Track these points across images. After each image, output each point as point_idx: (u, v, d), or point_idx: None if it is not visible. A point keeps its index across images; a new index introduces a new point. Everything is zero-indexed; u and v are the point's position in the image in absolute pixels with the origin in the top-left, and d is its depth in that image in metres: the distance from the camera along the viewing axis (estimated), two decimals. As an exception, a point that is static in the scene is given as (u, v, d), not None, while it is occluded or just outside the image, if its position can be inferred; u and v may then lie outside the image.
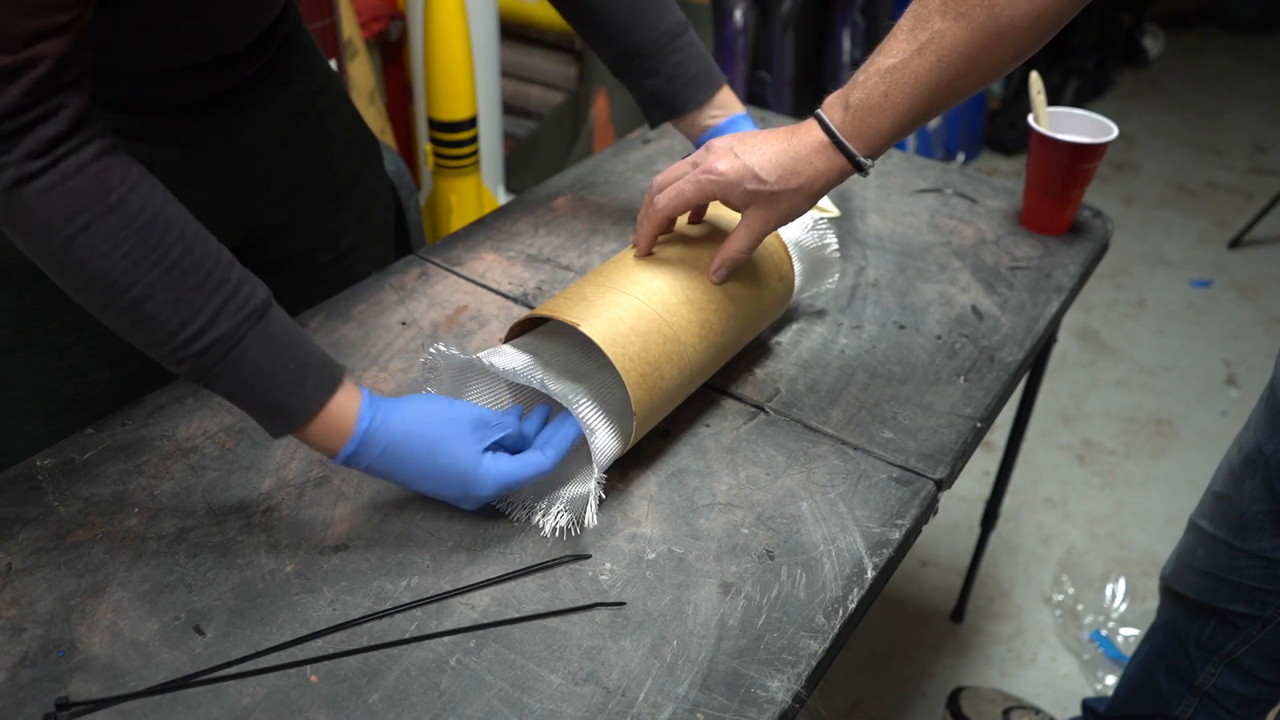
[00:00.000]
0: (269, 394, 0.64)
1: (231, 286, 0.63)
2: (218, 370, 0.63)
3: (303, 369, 0.65)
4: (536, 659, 0.63)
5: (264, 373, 0.64)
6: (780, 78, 2.26)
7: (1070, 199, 1.06)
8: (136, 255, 0.60)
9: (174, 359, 0.63)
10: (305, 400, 0.65)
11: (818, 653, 0.64)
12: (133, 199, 0.60)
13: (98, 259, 0.59)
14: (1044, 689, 1.50)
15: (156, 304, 0.61)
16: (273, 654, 0.63)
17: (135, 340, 0.64)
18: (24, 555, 0.69)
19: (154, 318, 0.61)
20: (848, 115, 0.72)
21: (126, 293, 0.60)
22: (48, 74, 0.56)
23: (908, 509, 0.74)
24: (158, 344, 0.63)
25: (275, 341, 0.64)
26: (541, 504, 0.73)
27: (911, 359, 0.89)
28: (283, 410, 0.65)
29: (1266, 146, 3.09)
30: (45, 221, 0.58)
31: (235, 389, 0.64)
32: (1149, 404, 2.08)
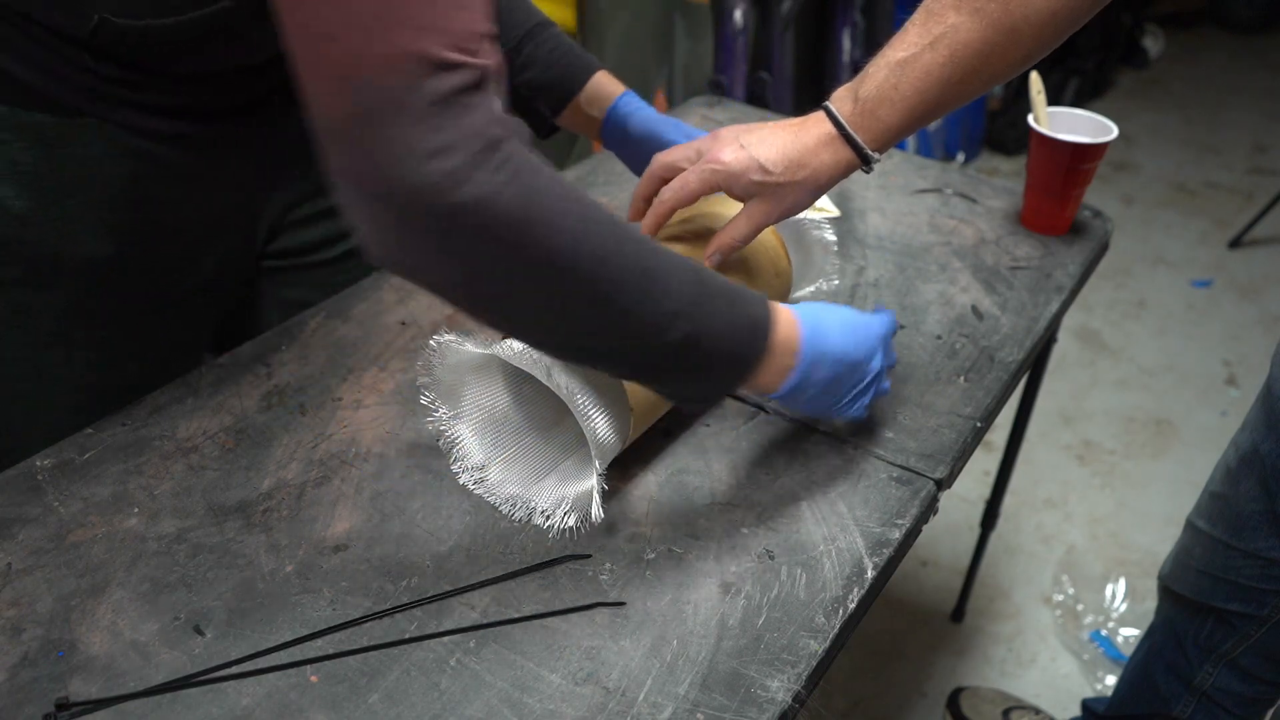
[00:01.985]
0: (735, 351, 0.63)
1: (670, 252, 0.61)
2: (691, 340, 0.60)
3: (747, 317, 0.63)
4: (536, 659, 0.63)
5: (726, 334, 0.62)
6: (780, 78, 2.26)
7: (1070, 199, 1.06)
8: (591, 231, 0.55)
9: (640, 347, 0.60)
10: (755, 351, 0.64)
11: (818, 653, 0.64)
12: (561, 180, 0.56)
13: (568, 245, 0.54)
14: (1044, 689, 1.50)
15: (621, 280, 0.57)
16: (273, 654, 0.63)
17: (598, 342, 0.59)
18: (24, 555, 0.69)
19: (615, 302, 0.57)
20: (857, 108, 0.71)
21: (590, 279, 0.56)
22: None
23: (908, 509, 0.74)
24: (623, 334, 0.59)
25: (724, 297, 0.62)
26: (544, 505, 0.73)
27: (911, 359, 0.89)
28: (739, 365, 0.64)
29: (1266, 146, 3.09)
30: (534, 220, 0.52)
31: (701, 358, 0.62)
32: (1149, 404, 2.07)
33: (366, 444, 0.79)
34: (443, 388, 0.75)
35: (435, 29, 0.49)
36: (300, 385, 0.85)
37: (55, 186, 0.75)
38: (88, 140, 0.74)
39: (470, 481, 0.75)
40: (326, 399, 0.83)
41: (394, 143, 0.48)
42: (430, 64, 0.48)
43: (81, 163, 0.75)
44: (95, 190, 0.76)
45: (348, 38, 0.48)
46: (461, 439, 0.76)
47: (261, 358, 0.88)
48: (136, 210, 0.79)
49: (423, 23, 0.48)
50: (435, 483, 0.76)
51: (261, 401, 0.83)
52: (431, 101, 0.49)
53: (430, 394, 0.75)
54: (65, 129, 0.73)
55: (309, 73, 0.49)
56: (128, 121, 0.75)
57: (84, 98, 0.73)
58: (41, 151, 0.73)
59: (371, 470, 0.77)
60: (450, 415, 0.76)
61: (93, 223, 0.77)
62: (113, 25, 0.69)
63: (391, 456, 0.78)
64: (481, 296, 0.56)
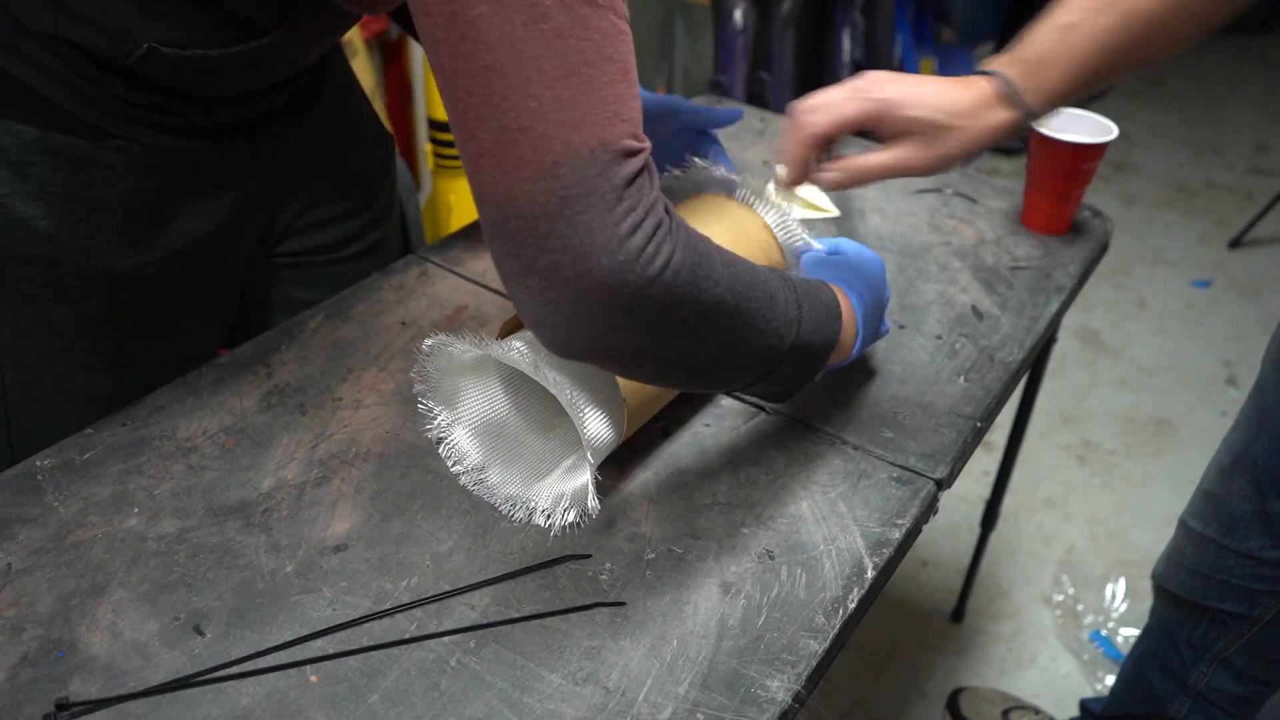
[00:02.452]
0: (824, 340, 0.68)
1: (764, 266, 0.64)
2: (800, 341, 0.65)
3: (824, 305, 0.68)
4: (536, 659, 0.63)
5: (819, 327, 0.67)
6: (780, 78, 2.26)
7: (1070, 199, 1.06)
8: (732, 273, 0.59)
9: (763, 362, 0.64)
10: (835, 332, 0.69)
11: (818, 653, 0.64)
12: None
13: (726, 291, 0.58)
14: (1044, 689, 1.50)
15: (757, 310, 0.61)
16: (273, 654, 0.63)
17: (733, 373, 0.64)
18: (24, 555, 0.69)
19: (757, 326, 0.61)
20: (1023, 68, 0.69)
21: (742, 314, 0.60)
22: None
23: (908, 509, 0.74)
24: (758, 353, 0.63)
25: (809, 294, 0.67)
26: (544, 505, 0.73)
27: (911, 359, 0.89)
28: (827, 349, 0.69)
29: (1266, 146, 3.09)
30: (699, 278, 0.56)
31: (802, 355, 0.66)
32: (1149, 404, 2.07)
33: (366, 444, 0.79)
34: (439, 392, 0.75)
35: (621, 118, 0.51)
36: (300, 385, 0.85)
37: (81, 206, 0.76)
38: (113, 160, 0.75)
39: (470, 483, 0.75)
40: (326, 399, 0.83)
41: (592, 229, 0.50)
42: (620, 152, 0.51)
43: (107, 182, 0.76)
44: (119, 207, 0.77)
45: (549, 130, 0.49)
46: (459, 441, 0.76)
47: (261, 358, 0.88)
48: (156, 225, 0.80)
49: (612, 112, 0.51)
50: (435, 483, 0.76)
51: (261, 401, 0.83)
52: (620, 187, 0.51)
53: (426, 400, 0.75)
54: (94, 151, 0.74)
55: (500, 167, 0.50)
56: (153, 141, 0.76)
57: (113, 121, 0.74)
58: (70, 173, 0.74)
59: (371, 470, 0.77)
60: (449, 420, 0.76)
61: (115, 237, 0.78)
62: (160, 55, 0.69)
63: (391, 456, 0.78)
64: (660, 356, 0.58)
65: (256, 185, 0.87)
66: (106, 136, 0.74)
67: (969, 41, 2.90)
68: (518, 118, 0.49)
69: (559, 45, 0.48)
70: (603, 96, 0.50)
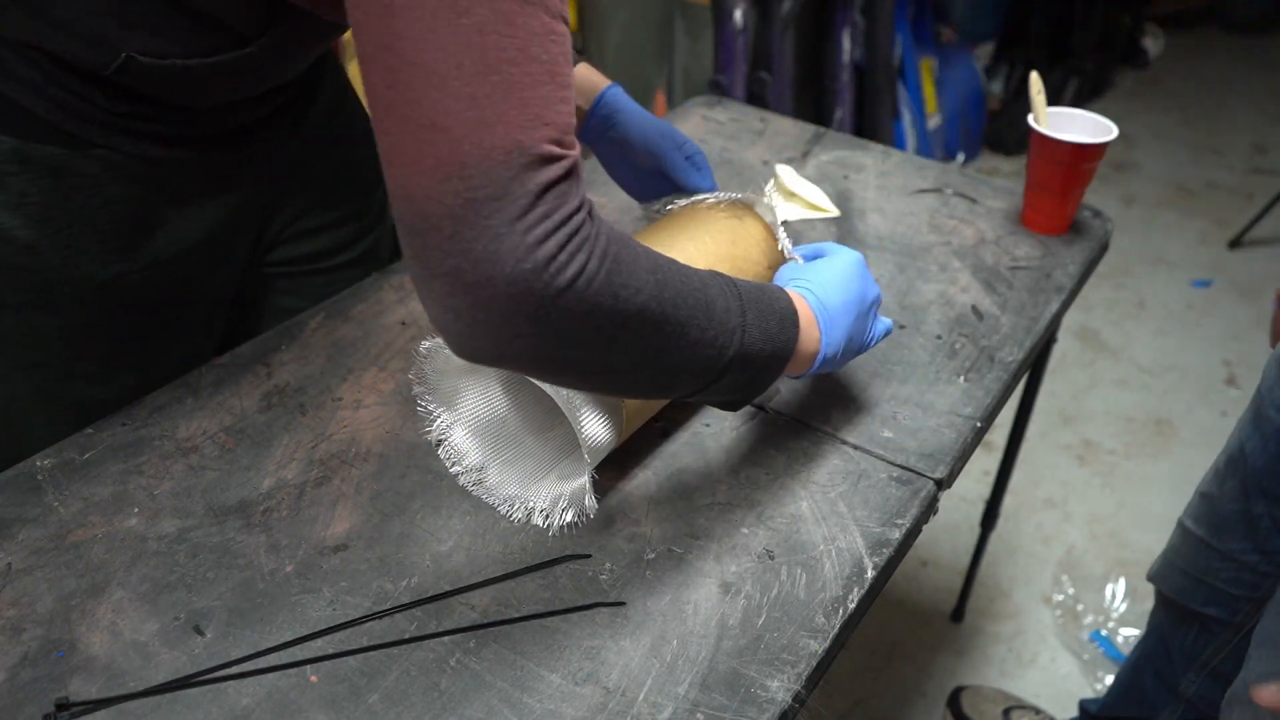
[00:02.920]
0: (773, 350, 0.65)
1: (707, 272, 0.62)
2: (743, 351, 0.62)
3: (776, 314, 0.65)
4: (536, 659, 0.63)
5: (770, 336, 0.64)
6: (780, 78, 2.26)
7: (1070, 199, 1.06)
8: (659, 280, 0.57)
9: (702, 372, 0.61)
10: (789, 341, 0.66)
11: (818, 652, 0.64)
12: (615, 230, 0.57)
13: (650, 300, 0.56)
14: (1044, 689, 1.50)
15: (689, 320, 0.59)
16: (273, 654, 0.63)
17: (667, 378, 0.61)
18: (24, 555, 0.69)
19: (689, 336, 0.59)
20: None
21: (669, 323, 0.57)
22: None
23: (908, 509, 0.74)
24: (691, 363, 0.60)
25: (758, 302, 0.65)
26: (543, 505, 0.73)
27: (911, 359, 0.89)
28: (780, 358, 0.66)
29: (1266, 146, 3.09)
30: (618, 286, 0.54)
31: (747, 365, 0.64)
32: (1149, 404, 2.07)
33: (366, 444, 0.79)
34: (439, 393, 0.75)
35: (543, 122, 0.49)
36: (300, 385, 0.85)
37: (61, 215, 0.75)
38: (94, 170, 0.74)
39: (469, 483, 0.75)
40: (326, 399, 0.83)
41: (498, 235, 0.49)
42: (537, 157, 0.49)
43: (88, 191, 0.75)
44: (100, 217, 0.76)
45: (461, 129, 0.47)
46: (458, 442, 0.76)
47: (261, 358, 0.88)
48: (139, 234, 0.79)
49: (533, 115, 0.49)
50: (435, 483, 0.76)
51: (261, 401, 0.83)
52: (534, 194, 0.49)
53: (425, 401, 0.75)
54: (74, 161, 0.73)
55: (412, 164, 0.49)
56: (135, 150, 0.75)
57: (94, 130, 0.73)
58: (50, 182, 0.73)
59: (371, 470, 0.77)
60: (448, 422, 0.76)
61: (96, 248, 0.77)
62: (138, 64, 0.69)
63: (391, 456, 0.78)
64: (576, 366, 0.56)
65: (247, 194, 0.86)
66: (87, 146, 0.73)
67: (969, 41, 2.90)
68: (430, 113, 0.47)
69: (479, 41, 0.47)
70: (524, 98, 0.48)
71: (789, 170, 1.13)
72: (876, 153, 1.22)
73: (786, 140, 1.24)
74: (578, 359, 0.55)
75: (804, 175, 1.15)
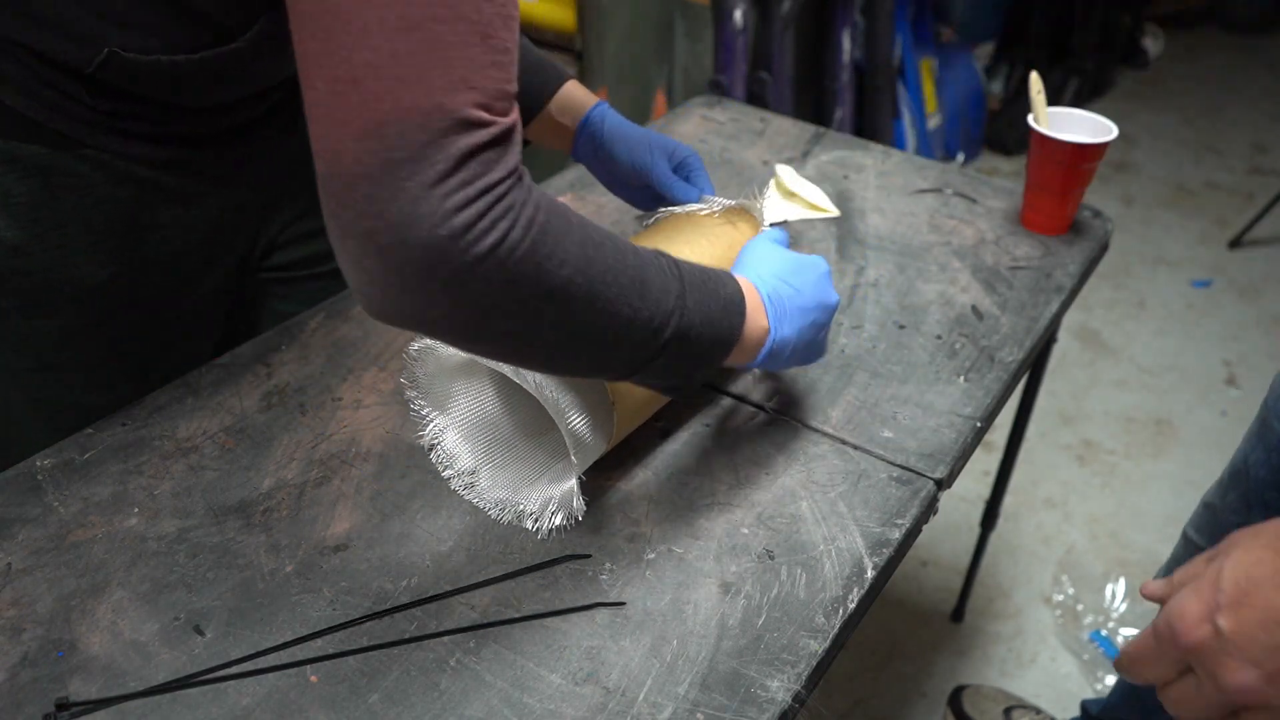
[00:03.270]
0: (716, 335, 0.64)
1: (649, 251, 0.61)
2: (680, 334, 0.61)
3: (720, 299, 0.64)
4: (536, 659, 0.63)
5: (712, 320, 0.63)
6: (780, 78, 2.26)
7: (1070, 199, 1.06)
8: (589, 255, 0.55)
9: (636, 351, 0.60)
10: (734, 328, 0.65)
11: (818, 652, 0.64)
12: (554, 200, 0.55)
13: (576, 274, 0.55)
14: (1044, 689, 1.50)
15: (620, 297, 0.57)
16: (273, 654, 0.63)
17: (598, 354, 0.59)
18: (24, 555, 0.69)
19: (620, 314, 0.57)
20: None
21: (597, 299, 0.56)
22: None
23: (908, 509, 0.74)
24: (623, 341, 0.59)
25: (701, 286, 0.63)
26: (533, 509, 0.72)
27: (911, 359, 0.89)
28: (723, 344, 0.65)
29: (1266, 146, 3.09)
30: (542, 257, 0.52)
31: (686, 347, 0.62)
32: (1149, 404, 2.07)
33: (366, 444, 0.79)
34: (431, 395, 0.75)
35: (469, 85, 0.48)
36: (300, 385, 0.85)
37: (51, 216, 0.74)
38: (84, 170, 0.73)
39: (460, 486, 0.75)
40: (326, 399, 0.83)
41: (414, 198, 0.47)
42: (461, 120, 0.48)
43: (78, 191, 0.74)
44: (91, 217, 0.75)
45: (380, 86, 0.46)
46: (450, 444, 0.76)
47: (261, 358, 0.88)
48: (133, 235, 0.78)
49: (458, 78, 0.47)
50: (435, 482, 0.76)
51: (261, 401, 0.83)
52: (455, 159, 0.48)
53: (418, 404, 0.75)
54: (62, 160, 0.72)
55: (328, 119, 0.48)
56: (125, 150, 0.74)
57: (81, 129, 0.72)
58: (38, 182, 0.72)
59: (371, 470, 0.77)
60: (441, 426, 0.76)
61: (89, 249, 0.76)
62: (121, 59, 0.68)
63: (391, 456, 0.78)
64: (496, 336, 0.55)
65: (242, 196, 0.85)
66: (75, 145, 0.72)
67: (969, 41, 2.90)
68: (351, 69, 0.46)
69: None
70: (449, 58, 0.47)
71: (789, 170, 1.13)
72: (876, 153, 1.22)
73: (786, 140, 1.24)
74: (498, 329, 0.54)
75: (804, 175, 1.15)
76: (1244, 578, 0.50)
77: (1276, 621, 0.48)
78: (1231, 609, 0.49)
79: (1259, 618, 0.49)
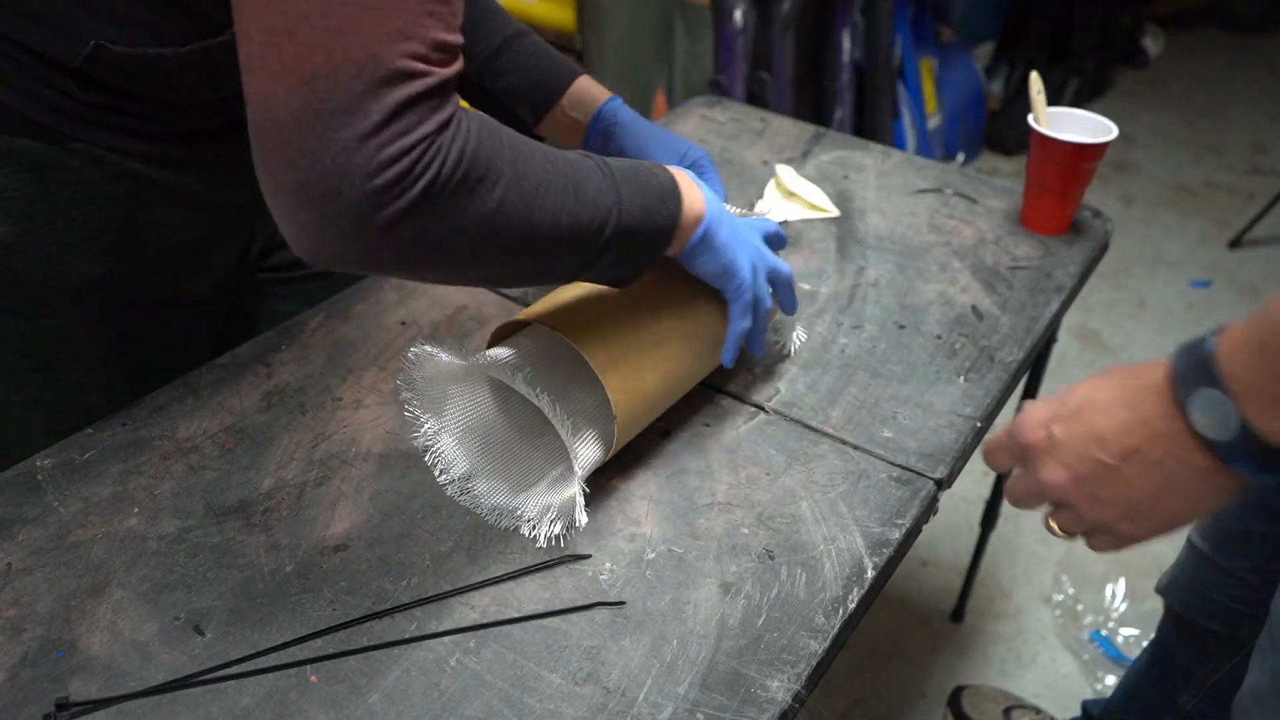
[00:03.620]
0: (656, 224, 0.65)
1: (576, 154, 0.62)
2: (621, 230, 0.63)
3: (654, 188, 0.66)
4: (536, 659, 0.63)
5: (649, 211, 0.65)
6: (780, 78, 2.26)
7: (1070, 199, 1.06)
8: (530, 170, 0.56)
9: (580, 253, 0.61)
10: (672, 214, 0.67)
11: (818, 652, 0.64)
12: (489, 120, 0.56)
13: (515, 189, 0.56)
14: (1044, 689, 1.50)
15: (559, 207, 0.58)
16: (273, 654, 0.63)
17: (543, 262, 0.60)
18: (24, 555, 0.69)
19: (560, 224, 0.59)
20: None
21: (534, 212, 0.57)
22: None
23: (908, 509, 0.74)
24: (567, 246, 0.60)
25: (633, 180, 0.64)
26: (530, 513, 0.72)
27: (911, 359, 0.89)
28: (664, 232, 0.67)
29: (1266, 146, 3.09)
30: (474, 181, 0.53)
31: (629, 241, 0.64)
32: (1149, 404, 2.07)
33: (366, 444, 0.79)
34: (427, 400, 0.74)
35: (406, 36, 0.48)
36: (300, 385, 0.85)
37: (44, 212, 0.74)
38: (77, 165, 0.73)
39: (456, 492, 0.74)
40: (326, 399, 0.83)
41: (346, 150, 0.47)
42: (396, 72, 0.47)
43: (72, 187, 0.74)
44: (86, 214, 0.75)
45: (314, 37, 0.46)
46: (446, 449, 0.75)
47: (261, 358, 0.88)
48: (128, 233, 0.78)
49: (394, 29, 0.47)
50: (435, 482, 0.76)
51: (261, 401, 0.83)
52: (390, 110, 0.48)
53: (413, 407, 0.74)
54: (54, 155, 0.72)
55: (262, 70, 0.47)
56: (119, 146, 0.74)
57: (73, 124, 0.72)
58: (31, 177, 0.72)
59: (371, 470, 0.77)
60: (435, 429, 0.75)
61: (83, 247, 0.76)
62: (108, 52, 0.67)
63: (391, 456, 0.78)
64: (444, 266, 0.55)
65: (239, 195, 0.85)
66: (66, 140, 0.72)
67: (969, 41, 2.90)
68: (285, 19, 0.46)
69: None
70: (384, 7, 0.46)
71: (789, 170, 1.13)
72: (876, 153, 1.22)
73: (786, 140, 1.24)
74: (442, 259, 0.54)
75: (804, 175, 1.15)
76: (1085, 399, 0.58)
77: (1092, 436, 0.56)
78: (1065, 420, 0.58)
79: (1081, 431, 0.57)
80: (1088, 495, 0.57)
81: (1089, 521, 0.59)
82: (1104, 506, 0.57)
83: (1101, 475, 0.56)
